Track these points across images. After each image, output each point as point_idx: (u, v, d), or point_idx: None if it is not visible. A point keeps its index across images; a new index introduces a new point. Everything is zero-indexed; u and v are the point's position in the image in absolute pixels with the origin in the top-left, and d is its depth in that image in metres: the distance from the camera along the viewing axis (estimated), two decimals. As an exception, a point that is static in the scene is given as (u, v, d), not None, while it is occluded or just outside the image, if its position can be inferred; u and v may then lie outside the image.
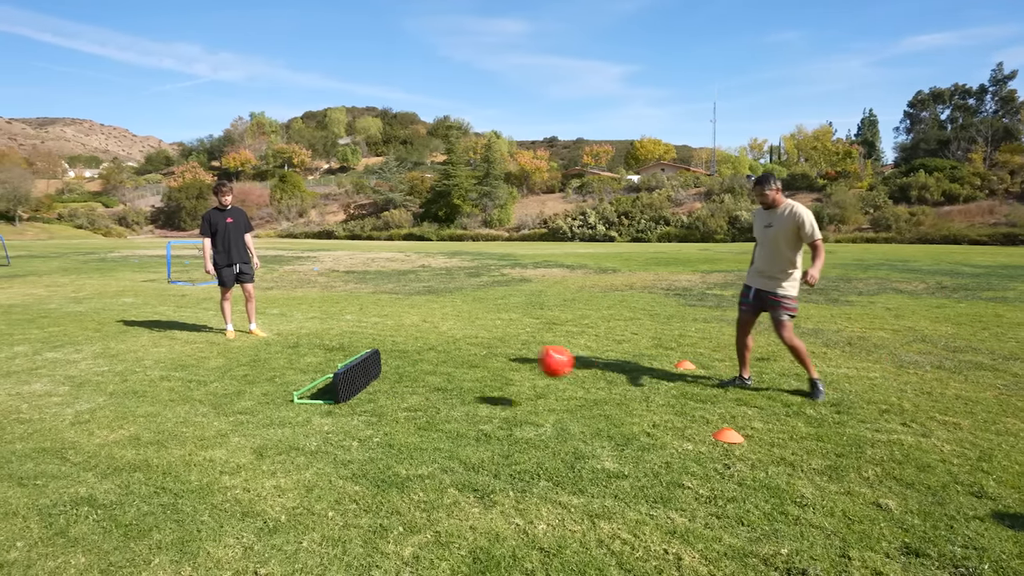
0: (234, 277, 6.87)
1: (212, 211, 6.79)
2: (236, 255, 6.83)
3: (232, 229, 6.80)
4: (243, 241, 6.91)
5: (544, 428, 3.82)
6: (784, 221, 4.42)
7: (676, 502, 2.83)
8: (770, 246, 4.52)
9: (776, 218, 4.48)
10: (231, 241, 6.79)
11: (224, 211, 6.77)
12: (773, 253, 4.50)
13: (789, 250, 4.43)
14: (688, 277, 13.88)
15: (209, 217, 6.76)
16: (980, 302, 9.37)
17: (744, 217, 41.65)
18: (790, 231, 4.39)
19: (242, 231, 6.91)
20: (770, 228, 4.51)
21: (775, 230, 4.47)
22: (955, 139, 53.18)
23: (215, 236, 6.74)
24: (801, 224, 4.34)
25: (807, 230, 4.33)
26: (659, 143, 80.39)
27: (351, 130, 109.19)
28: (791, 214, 4.39)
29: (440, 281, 13.28)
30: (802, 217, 4.35)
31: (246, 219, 7.02)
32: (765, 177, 4.50)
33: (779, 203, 4.53)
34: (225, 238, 6.75)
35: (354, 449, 3.48)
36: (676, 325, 7.47)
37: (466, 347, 6.22)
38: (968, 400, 4.37)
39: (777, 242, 4.45)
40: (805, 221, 4.33)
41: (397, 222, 53.44)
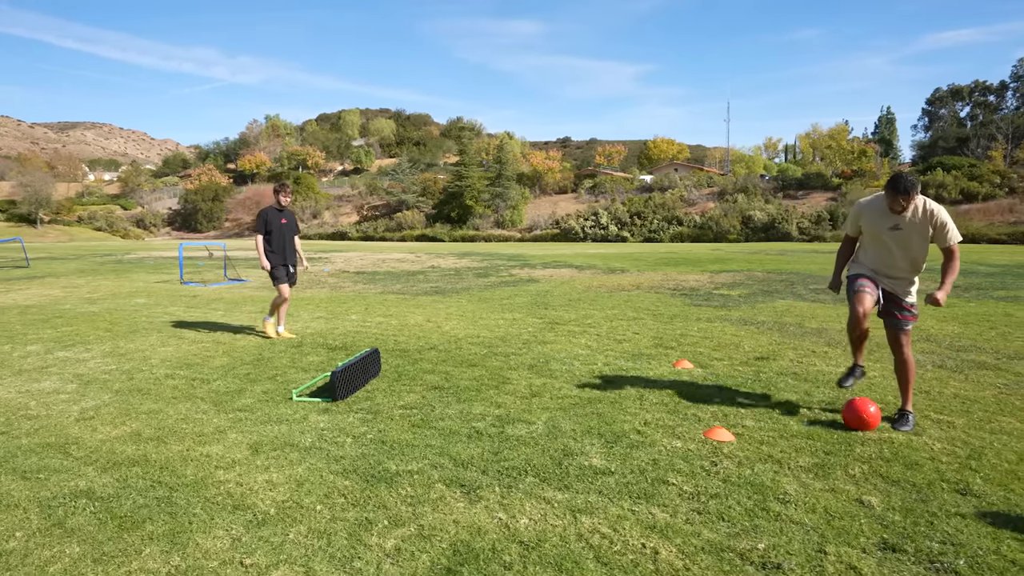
0: (287, 276, 6.84)
1: (270, 209, 6.75)
2: (289, 257, 6.84)
3: (287, 230, 6.80)
4: (293, 243, 6.91)
5: (536, 426, 3.86)
6: (916, 223, 3.78)
7: (659, 498, 2.86)
8: (901, 247, 3.87)
9: (903, 217, 3.81)
10: (285, 242, 6.79)
11: (281, 211, 6.76)
12: (904, 254, 3.87)
13: (921, 255, 3.84)
14: (696, 277, 13.83)
15: (266, 215, 6.72)
16: (991, 301, 9.25)
17: (757, 217, 41.33)
18: (925, 233, 3.76)
19: (293, 233, 6.92)
20: (898, 231, 3.84)
21: (905, 234, 3.82)
22: (974, 136, 52.33)
23: (270, 235, 6.70)
24: (940, 227, 3.73)
25: (947, 233, 3.73)
26: (673, 143, 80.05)
27: (365, 132, 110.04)
28: (926, 214, 3.75)
29: (448, 282, 13.36)
30: (942, 219, 3.73)
31: (296, 222, 7.03)
32: (909, 184, 3.69)
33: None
34: (280, 238, 6.74)
35: (347, 445, 3.55)
36: (679, 325, 7.47)
37: (467, 346, 6.27)
38: (966, 399, 4.34)
39: (909, 246, 3.84)
40: (946, 224, 3.73)
41: (410, 223, 53.75)
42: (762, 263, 18.08)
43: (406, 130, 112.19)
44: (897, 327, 3.95)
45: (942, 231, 3.74)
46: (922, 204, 3.77)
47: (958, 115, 63.59)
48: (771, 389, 4.63)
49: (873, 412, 3.71)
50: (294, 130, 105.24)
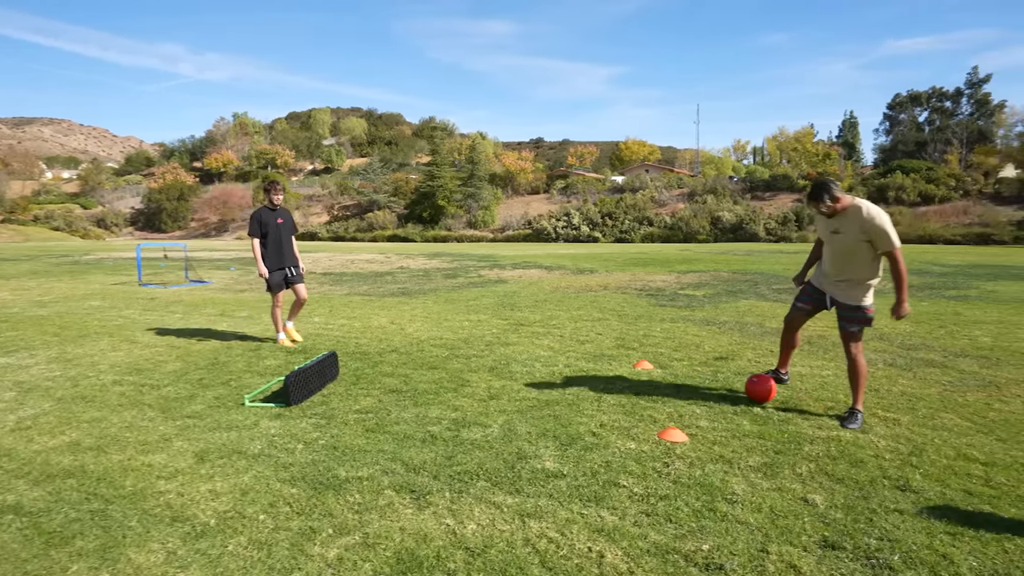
0: (283, 281, 6.45)
1: (263, 210, 6.37)
2: (288, 258, 6.48)
3: (283, 230, 6.45)
4: (291, 242, 6.58)
5: (491, 429, 3.83)
6: (853, 227, 3.84)
7: (609, 500, 2.86)
8: (843, 252, 3.96)
9: (844, 222, 3.89)
10: (282, 242, 6.42)
11: (275, 211, 6.39)
12: (848, 259, 3.94)
13: (865, 257, 3.87)
14: (664, 278, 13.98)
15: (260, 216, 6.33)
16: (943, 300, 9.55)
17: (725, 218, 42.03)
18: (861, 238, 3.82)
19: (291, 232, 6.58)
20: (839, 235, 3.95)
21: (845, 238, 3.91)
22: (932, 141, 54.05)
23: (265, 237, 6.34)
24: (873, 232, 3.77)
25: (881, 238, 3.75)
26: (644, 144, 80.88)
27: (335, 131, 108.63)
28: (860, 218, 3.80)
29: (416, 283, 13.26)
30: (876, 224, 3.76)
31: (293, 220, 6.68)
32: (817, 191, 3.90)
33: (846, 206, 3.90)
34: (277, 239, 6.38)
35: (298, 452, 3.47)
36: (642, 325, 7.53)
37: (429, 349, 6.22)
38: (912, 396, 4.46)
39: (849, 250, 3.90)
40: (881, 230, 3.75)
41: (381, 223, 53.23)
42: (729, 263, 18.37)
43: (378, 129, 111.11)
44: (842, 329, 4.06)
45: (878, 237, 3.77)
46: (863, 209, 3.82)
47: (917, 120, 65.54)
48: (727, 389, 4.68)
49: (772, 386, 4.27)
50: (263, 128, 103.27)
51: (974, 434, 3.67)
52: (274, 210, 6.42)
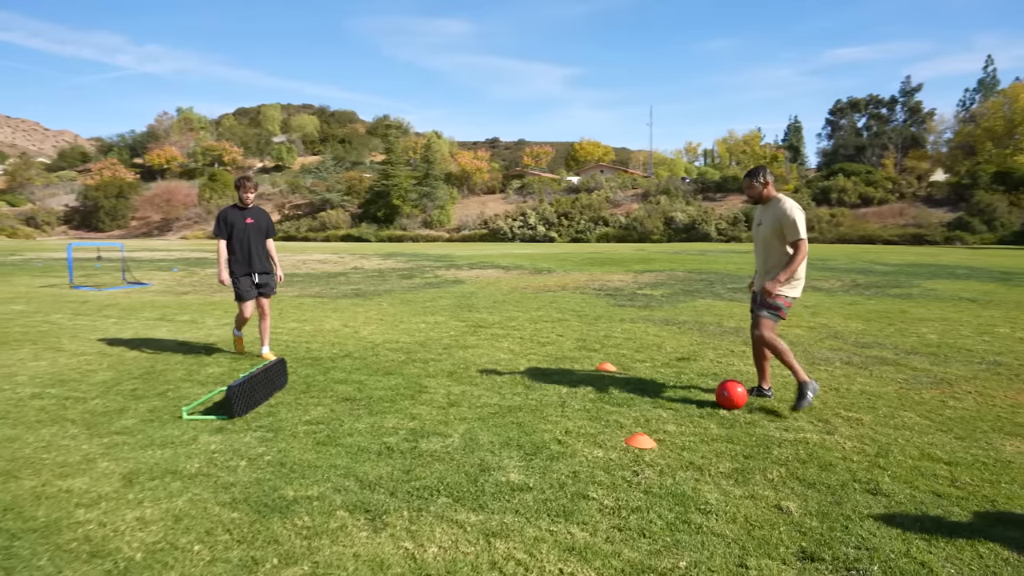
0: (253, 288, 5.76)
1: (229, 209, 5.73)
2: (257, 262, 5.74)
3: (252, 231, 5.72)
4: (264, 247, 5.85)
5: (452, 439, 3.63)
6: (772, 219, 4.12)
7: (579, 515, 2.70)
8: (762, 244, 4.24)
9: (767, 214, 4.19)
10: (251, 245, 5.70)
11: (244, 210, 5.73)
12: (766, 251, 4.21)
13: (782, 247, 4.10)
14: (621, 277, 14.02)
15: (225, 216, 5.68)
16: (888, 298, 9.86)
17: (679, 218, 42.86)
18: (777, 228, 4.09)
19: (263, 235, 5.84)
20: (761, 226, 4.23)
21: (765, 228, 4.18)
22: (870, 146, 56.60)
23: (231, 239, 5.67)
24: (784, 221, 4.02)
25: (789, 226, 4.00)
26: (599, 145, 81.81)
27: (286, 128, 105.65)
28: (779, 210, 4.07)
29: (370, 283, 12.87)
30: (787, 214, 4.01)
31: (268, 221, 5.93)
32: (754, 170, 4.24)
33: (770, 198, 4.20)
34: (244, 241, 5.67)
35: (240, 470, 3.18)
36: (603, 326, 7.44)
37: (384, 353, 5.95)
38: (871, 395, 4.49)
39: (770, 240, 4.15)
40: (789, 219, 4.00)
41: (334, 223, 52.02)
42: (684, 263, 18.64)
43: (330, 127, 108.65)
44: (752, 314, 4.30)
45: (787, 226, 4.01)
46: (781, 201, 4.11)
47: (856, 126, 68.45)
48: (692, 391, 4.61)
49: (740, 392, 4.12)
50: (209, 124, 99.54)
51: (934, 432, 3.69)
52: (244, 209, 5.73)
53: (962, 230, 35.69)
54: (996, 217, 36.08)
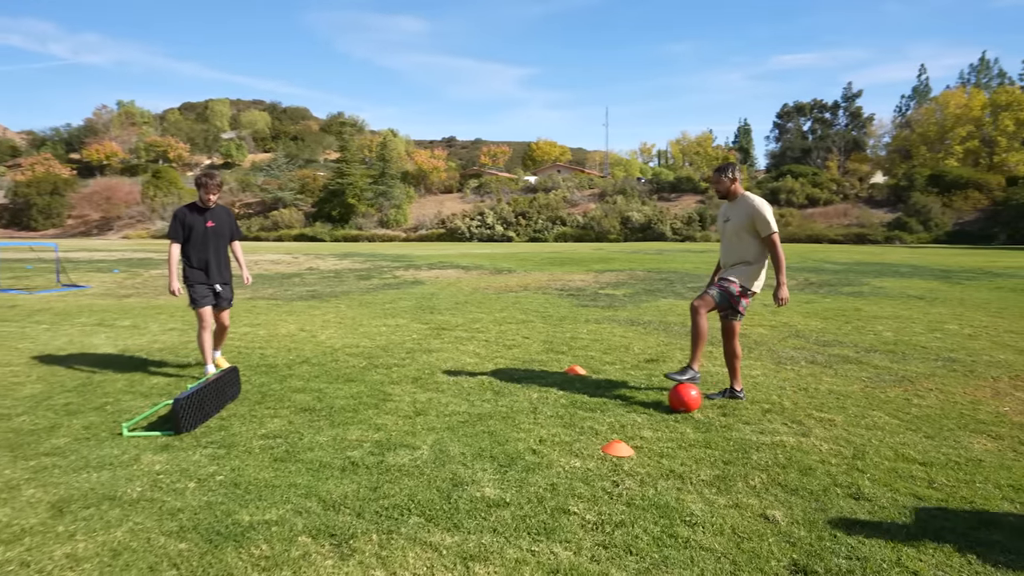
0: (213, 297, 5.06)
1: (188, 209, 5.00)
2: (216, 273, 5.05)
3: (212, 236, 5.01)
4: (226, 253, 5.20)
5: (421, 451, 3.43)
6: (741, 214, 4.19)
7: (561, 532, 2.55)
8: (730, 239, 4.28)
9: (734, 210, 4.26)
10: (211, 252, 5.01)
11: (205, 211, 5.01)
12: (731, 248, 4.28)
13: (750, 244, 4.18)
14: (582, 277, 14.01)
15: (183, 217, 4.95)
16: (842, 297, 10.12)
17: (635, 218, 43.46)
18: (746, 224, 4.15)
19: (226, 239, 5.17)
20: (729, 222, 4.29)
21: (733, 223, 4.24)
22: (815, 148, 58.75)
23: (187, 243, 4.98)
24: (755, 216, 4.10)
25: (761, 221, 4.08)
26: (555, 145, 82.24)
27: (236, 124, 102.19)
28: (748, 206, 4.15)
29: (327, 285, 12.45)
30: (757, 209, 4.10)
31: (233, 224, 5.25)
32: (723, 166, 4.31)
33: (737, 194, 4.29)
34: (202, 247, 4.98)
35: (188, 493, 2.91)
36: (568, 327, 7.34)
37: (344, 358, 5.68)
38: (839, 395, 4.51)
39: (737, 235, 4.21)
40: (760, 213, 4.08)
41: (287, 222, 50.55)
42: (642, 262, 18.82)
43: (282, 124, 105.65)
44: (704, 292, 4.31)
45: (760, 221, 4.10)
46: (750, 197, 4.19)
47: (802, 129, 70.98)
48: (664, 394, 4.53)
49: (694, 396, 4.06)
50: (152, 119, 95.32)
51: (904, 432, 3.71)
52: (205, 210, 5.02)
53: (901, 230, 37.42)
54: (931, 217, 37.98)
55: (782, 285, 4.13)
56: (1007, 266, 16.85)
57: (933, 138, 48.07)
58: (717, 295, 4.24)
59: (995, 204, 38.17)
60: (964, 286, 11.75)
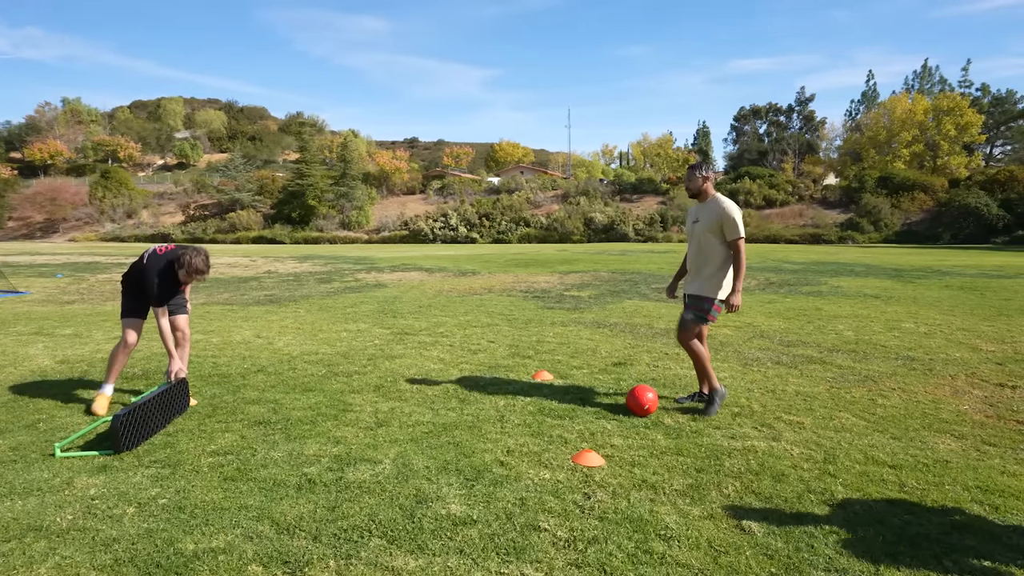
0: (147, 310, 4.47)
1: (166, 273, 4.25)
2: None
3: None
4: None
5: (383, 465, 3.25)
6: (710, 215, 4.06)
7: (531, 551, 2.42)
8: (697, 241, 4.16)
9: (704, 211, 4.13)
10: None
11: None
12: (699, 250, 4.15)
13: (717, 246, 4.07)
14: (547, 278, 13.94)
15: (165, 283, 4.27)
16: (802, 296, 10.30)
17: (598, 219, 43.79)
18: (714, 226, 4.04)
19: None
20: (697, 223, 4.17)
21: (702, 224, 4.12)
22: (771, 150, 60.48)
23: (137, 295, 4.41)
24: (724, 219, 3.99)
25: (730, 225, 3.98)
26: (518, 146, 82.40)
27: (190, 123, 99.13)
28: (718, 208, 4.03)
29: (285, 288, 12.05)
30: (727, 211, 3.99)
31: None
32: (697, 163, 4.21)
33: (708, 195, 4.15)
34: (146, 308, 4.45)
35: (127, 520, 2.66)
36: (534, 330, 7.23)
37: (303, 366, 5.43)
38: (806, 396, 4.51)
39: (705, 237, 4.09)
40: (729, 216, 3.98)
41: (245, 224, 49.14)
42: (606, 263, 18.89)
43: (239, 123, 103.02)
44: (680, 318, 4.23)
45: (728, 224, 4.00)
46: (720, 199, 4.06)
47: (758, 132, 72.88)
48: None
49: (651, 398, 4.02)
50: (101, 117, 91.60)
51: (872, 433, 3.71)
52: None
53: (853, 230, 38.70)
54: (881, 218, 39.41)
55: (737, 292, 4.04)
56: (954, 264, 17.53)
57: (882, 141, 49.95)
58: (693, 317, 4.13)
59: (939, 205, 39.86)
60: (916, 284, 12.13)
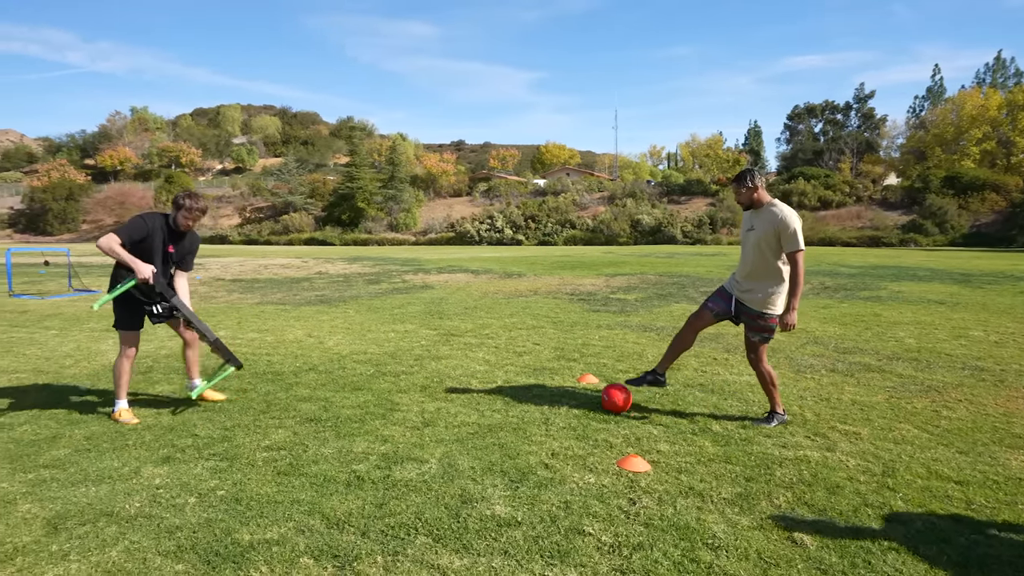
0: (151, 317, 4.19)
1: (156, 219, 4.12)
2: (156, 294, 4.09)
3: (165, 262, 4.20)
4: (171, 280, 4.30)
5: (429, 464, 3.31)
6: (765, 224, 3.81)
7: (576, 555, 2.41)
8: (752, 250, 3.90)
9: (758, 220, 3.87)
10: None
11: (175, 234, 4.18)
12: (755, 258, 3.88)
13: (773, 258, 3.81)
14: (592, 281, 13.85)
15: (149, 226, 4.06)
16: (859, 302, 9.90)
17: (645, 221, 43.20)
18: (771, 236, 3.77)
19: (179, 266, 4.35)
20: (752, 232, 3.91)
21: (756, 234, 3.86)
22: (827, 150, 58.18)
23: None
24: (782, 229, 3.72)
25: (788, 236, 3.70)
26: (564, 148, 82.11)
27: (247, 129, 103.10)
28: (775, 218, 3.76)
29: (335, 289, 12.38)
30: (785, 220, 3.71)
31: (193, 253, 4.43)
32: (741, 174, 3.90)
33: (762, 202, 3.89)
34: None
35: (188, 509, 2.80)
36: (579, 333, 7.20)
37: (352, 366, 5.57)
38: (863, 405, 4.33)
39: (759, 248, 3.84)
40: (787, 228, 3.69)
41: (297, 226, 50.74)
42: (653, 266, 18.61)
43: (292, 128, 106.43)
44: (746, 339, 4.07)
45: (786, 235, 3.73)
46: (778, 207, 3.82)
47: (813, 130, 70.34)
48: (680, 404, 4.39)
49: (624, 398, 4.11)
50: (165, 124, 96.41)
51: (935, 447, 3.54)
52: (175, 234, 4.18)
53: (916, 232, 36.89)
54: (947, 220, 37.41)
55: (793, 310, 3.79)
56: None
57: (949, 139, 47.40)
58: (760, 340, 3.97)
59: (1013, 206, 37.54)
60: (986, 290, 11.47)
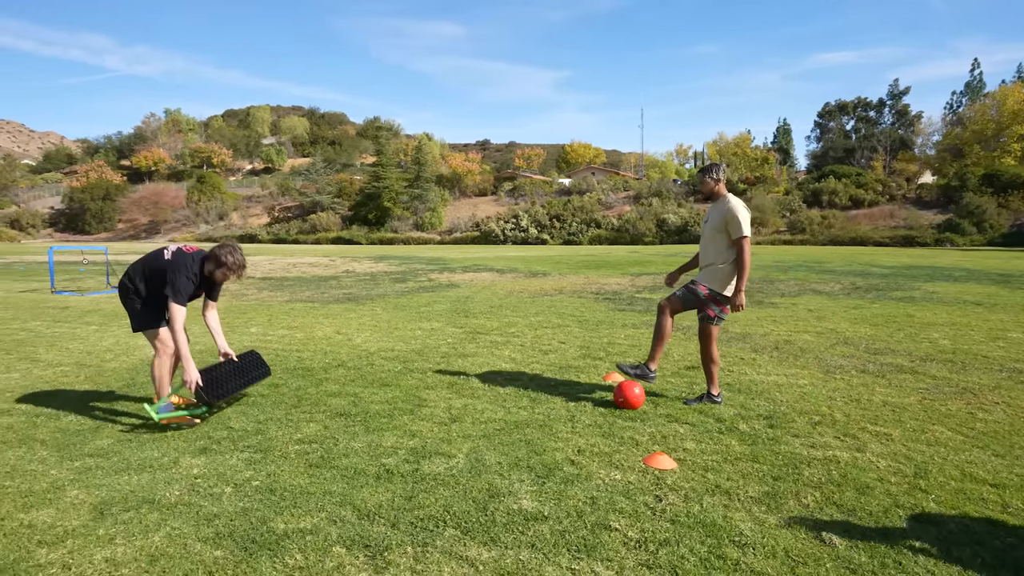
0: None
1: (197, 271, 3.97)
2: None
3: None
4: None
5: (456, 459, 3.36)
6: (718, 214, 4.20)
7: (602, 549, 2.44)
8: (706, 240, 4.30)
9: (714, 211, 4.27)
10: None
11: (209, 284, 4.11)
12: (709, 246, 4.27)
13: (723, 247, 4.17)
14: (618, 280, 13.80)
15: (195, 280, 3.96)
16: (891, 302, 9.68)
17: (671, 220, 42.79)
18: (721, 225, 4.16)
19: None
20: (707, 223, 4.32)
21: (711, 223, 4.26)
22: (859, 148, 56.90)
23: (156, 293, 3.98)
24: (729, 218, 4.10)
25: (734, 224, 4.07)
26: (589, 147, 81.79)
27: (276, 130, 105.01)
28: (724, 208, 4.16)
29: (363, 287, 12.56)
30: (732, 210, 4.09)
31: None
32: (708, 167, 4.31)
33: (720, 195, 4.30)
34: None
35: (225, 498, 2.90)
36: (605, 332, 7.20)
37: (380, 362, 5.67)
38: (895, 407, 4.26)
39: (713, 235, 4.21)
40: (733, 215, 4.07)
41: (325, 225, 51.51)
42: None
43: (320, 129, 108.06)
44: (700, 317, 4.40)
45: (732, 223, 4.08)
46: (729, 199, 4.18)
47: (844, 128, 68.76)
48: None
49: (638, 393, 4.17)
50: (197, 126, 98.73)
51: (970, 449, 3.47)
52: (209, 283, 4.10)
53: (952, 232, 35.83)
54: (985, 219, 36.24)
55: (739, 292, 4.14)
56: (1071, 270, 15.91)
57: (988, 136, 45.93)
58: (682, 295, 4.31)
59: (1056, 205, 36.22)
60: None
